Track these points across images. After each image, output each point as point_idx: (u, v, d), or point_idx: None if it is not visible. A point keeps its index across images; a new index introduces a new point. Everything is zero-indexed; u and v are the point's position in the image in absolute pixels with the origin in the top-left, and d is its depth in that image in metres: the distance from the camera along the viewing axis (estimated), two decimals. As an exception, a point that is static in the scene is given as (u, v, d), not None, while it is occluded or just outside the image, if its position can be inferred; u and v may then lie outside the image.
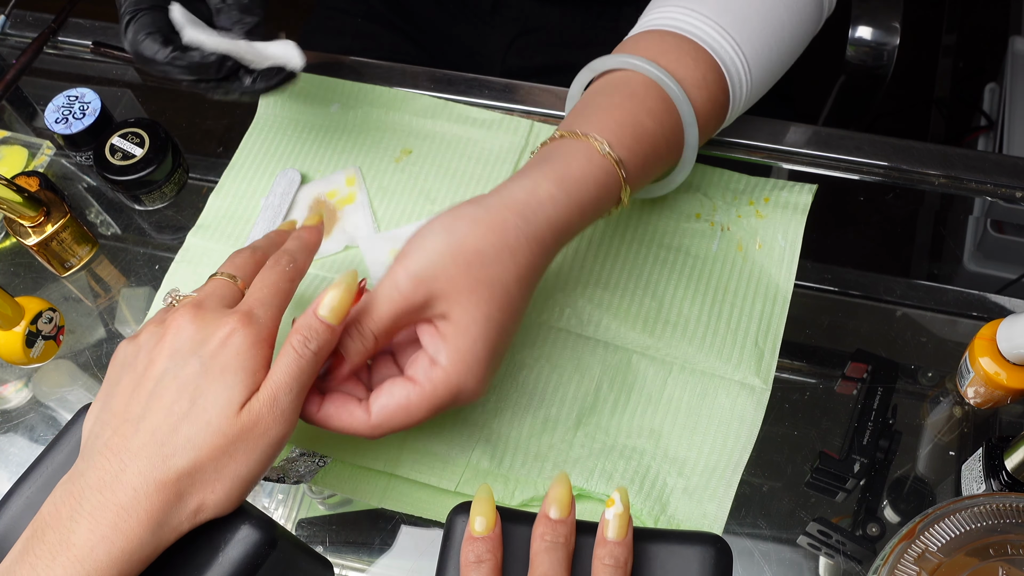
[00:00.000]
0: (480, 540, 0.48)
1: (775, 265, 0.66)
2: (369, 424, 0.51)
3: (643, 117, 0.58)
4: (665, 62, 0.59)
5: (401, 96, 0.75)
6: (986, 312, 0.66)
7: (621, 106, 0.58)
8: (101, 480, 0.45)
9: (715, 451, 0.59)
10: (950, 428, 0.63)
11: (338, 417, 0.51)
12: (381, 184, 0.72)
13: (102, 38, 0.82)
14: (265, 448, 0.47)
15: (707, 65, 0.60)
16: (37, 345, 0.66)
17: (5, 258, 0.74)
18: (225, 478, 0.46)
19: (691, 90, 0.59)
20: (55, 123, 0.73)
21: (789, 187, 0.69)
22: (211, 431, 0.46)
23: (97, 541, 0.43)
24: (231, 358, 0.47)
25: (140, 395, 0.47)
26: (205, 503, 0.46)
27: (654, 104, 0.58)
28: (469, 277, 0.51)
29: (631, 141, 0.57)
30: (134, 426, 0.46)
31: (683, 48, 0.60)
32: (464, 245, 0.51)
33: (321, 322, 0.49)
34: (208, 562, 0.46)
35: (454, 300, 0.51)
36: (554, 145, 0.57)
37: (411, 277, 0.51)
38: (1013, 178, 0.71)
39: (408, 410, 0.51)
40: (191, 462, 0.45)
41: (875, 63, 0.95)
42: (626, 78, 0.59)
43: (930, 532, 0.50)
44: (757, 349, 0.63)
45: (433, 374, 0.51)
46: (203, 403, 0.46)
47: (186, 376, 0.47)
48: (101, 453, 0.46)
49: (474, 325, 0.51)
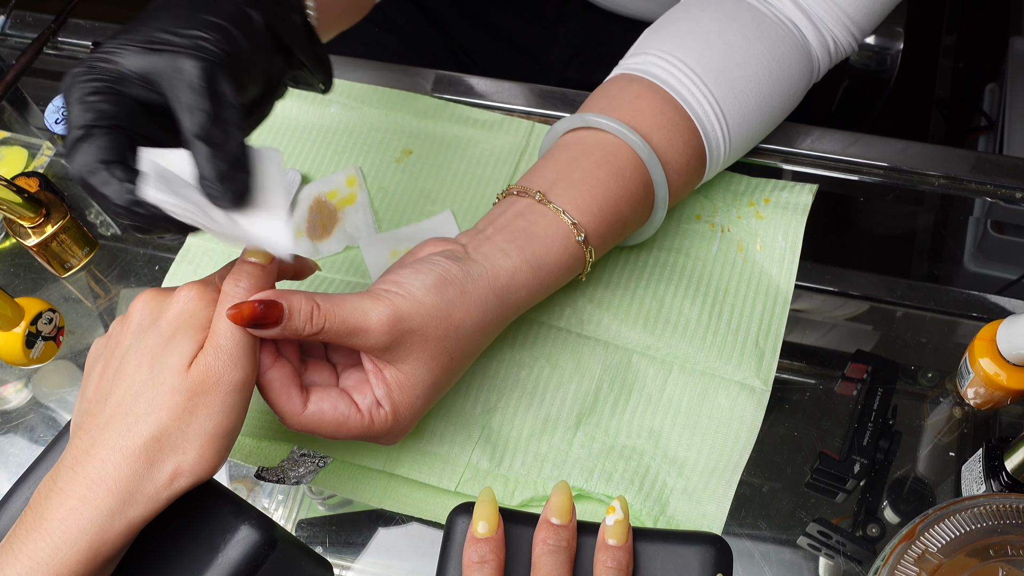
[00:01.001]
0: (483, 541, 0.48)
1: (775, 266, 0.66)
2: (297, 417, 0.51)
3: (623, 206, 0.60)
4: (658, 139, 0.60)
5: (401, 96, 0.75)
6: (986, 313, 0.66)
7: (606, 186, 0.59)
8: (74, 458, 0.46)
9: (715, 452, 0.59)
10: (950, 429, 0.63)
11: (277, 391, 0.51)
12: (382, 184, 0.72)
13: (102, 38, 0.82)
14: (224, 398, 0.47)
15: (695, 151, 0.62)
16: (37, 346, 0.66)
17: (5, 259, 0.74)
18: (192, 436, 0.46)
19: (674, 177, 0.62)
20: (55, 123, 0.73)
21: (789, 187, 0.69)
22: (166, 391, 0.46)
23: (66, 514, 0.44)
24: (183, 319, 0.48)
25: (108, 374, 0.48)
26: (180, 467, 0.46)
27: (636, 190, 0.60)
28: (440, 345, 0.53)
29: (606, 229, 0.59)
30: (103, 403, 0.47)
31: (677, 127, 0.61)
32: (451, 315, 0.53)
33: (250, 263, 0.50)
34: (208, 562, 0.46)
35: (415, 357, 0.52)
36: (536, 214, 0.58)
37: (392, 316, 0.51)
38: (1013, 178, 0.71)
39: (341, 427, 0.52)
40: (154, 426, 0.45)
41: (878, 67, 0.95)
42: (617, 149, 0.60)
43: (930, 533, 0.50)
44: (758, 349, 0.63)
45: (376, 414, 0.52)
46: (159, 367, 0.47)
47: (146, 346, 0.48)
48: (76, 435, 0.47)
49: (421, 386, 0.53)
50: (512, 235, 0.57)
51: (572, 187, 0.58)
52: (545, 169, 0.60)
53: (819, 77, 0.69)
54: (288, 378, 0.51)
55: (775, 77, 0.64)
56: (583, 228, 0.58)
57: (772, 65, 0.63)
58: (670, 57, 0.62)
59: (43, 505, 0.45)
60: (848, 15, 0.66)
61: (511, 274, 0.56)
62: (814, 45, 0.66)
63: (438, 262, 0.54)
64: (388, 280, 0.53)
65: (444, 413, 0.61)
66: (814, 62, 0.67)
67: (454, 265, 0.54)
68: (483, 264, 0.55)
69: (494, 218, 0.59)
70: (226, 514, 0.47)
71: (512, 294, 0.56)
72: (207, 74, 0.45)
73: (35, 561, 0.43)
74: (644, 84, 0.62)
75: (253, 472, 0.60)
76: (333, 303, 0.50)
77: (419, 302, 0.52)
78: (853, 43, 0.68)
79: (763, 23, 0.64)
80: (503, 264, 0.56)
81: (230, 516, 0.47)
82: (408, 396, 0.53)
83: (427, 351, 0.52)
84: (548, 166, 0.60)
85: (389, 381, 0.52)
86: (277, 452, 0.60)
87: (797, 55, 0.65)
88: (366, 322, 0.50)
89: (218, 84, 0.45)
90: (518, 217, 0.58)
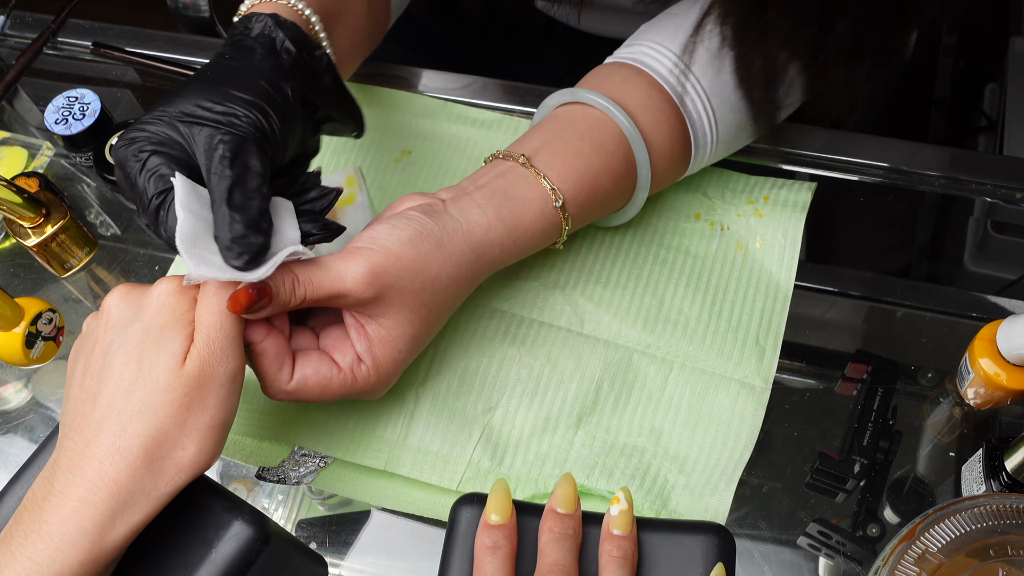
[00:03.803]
0: (497, 528, 0.49)
1: (775, 263, 0.66)
2: (285, 388, 0.52)
3: (604, 179, 0.61)
4: (643, 120, 0.61)
5: (401, 96, 0.75)
6: (986, 313, 0.66)
7: (588, 157, 0.60)
8: (70, 460, 0.45)
9: (716, 449, 0.59)
10: (950, 429, 0.63)
11: (271, 359, 0.52)
12: (381, 184, 0.72)
13: (102, 39, 0.82)
14: (218, 391, 0.47)
15: (680, 136, 0.63)
16: (37, 346, 0.66)
17: (5, 259, 0.74)
18: (191, 431, 0.46)
19: (657, 159, 0.62)
20: (55, 124, 0.73)
21: (788, 185, 0.69)
22: (160, 389, 0.46)
23: (67, 516, 0.44)
24: (168, 314, 0.48)
25: (92, 372, 0.48)
26: (181, 463, 0.46)
27: (618, 165, 0.61)
28: (417, 298, 0.54)
29: (584, 199, 0.60)
30: (92, 403, 0.47)
31: (663, 111, 0.62)
32: (427, 269, 0.54)
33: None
34: (202, 558, 0.46)
35: (395, 311, 0.54)
36: (517, 175, 0.59)
37: (368, 273, 0.52)
38: (1013, 179, 0.71)
39: (325, 390, 0.53)
40: (151, 425, 0.45)
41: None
42: (603, 124, 0.61)
43: (930, 533, 0.50)
44: (758, 347, 0.63)
45: (358, 370, 0.53)
46: (149, 364, 0.46)
47: (130, 341, 0.47)
48: (68, 436, 0.47)
49: (402, 339, 0.54)
50: (491, 193, 0.58)
51: (555, 155, 0.60)
52: (532, 137, 0.62)
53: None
54: (281, 347, 0.52)
55: None
56: (561, 194, 0.59)
57: None
58: (660, 47, 0.63)
59: (41, 507, 0.44)
60: None
61: (485, 230, 0.57)
62: None
63: (414, 217, 0.55)
64: (365, 236, 0.54)
65: (445, 412, 0.61)
66: None
67: (429, 220, 0.55)
68: (458, 219, 0.56)
69: (477, 177, 0.60)
70: (219, 510, 0.47)
71: (487, 250, 0.57)
72: (235, 147, 0.49)
73: (36, 563, 0.43)
74: (633, 70, 0.63)
75: (254, 472, 0.60)
76: (310, 272, 0.51)
77: (395, 256, 0.53)
78: None
79: None
80: (478, 220, 0.57)
81: (223, 512, 0.47)
82: (390, 350, 0.54)
83: (406, 304, 0.54)
84: (535, 135, 0.62)
85: (371, 336, 0.54)
86: (278, 452, 0.60)
87: None
88: (343, 284, 0.52)
89: (247, 157, 0.49)
90: (499, 177, 0.59)
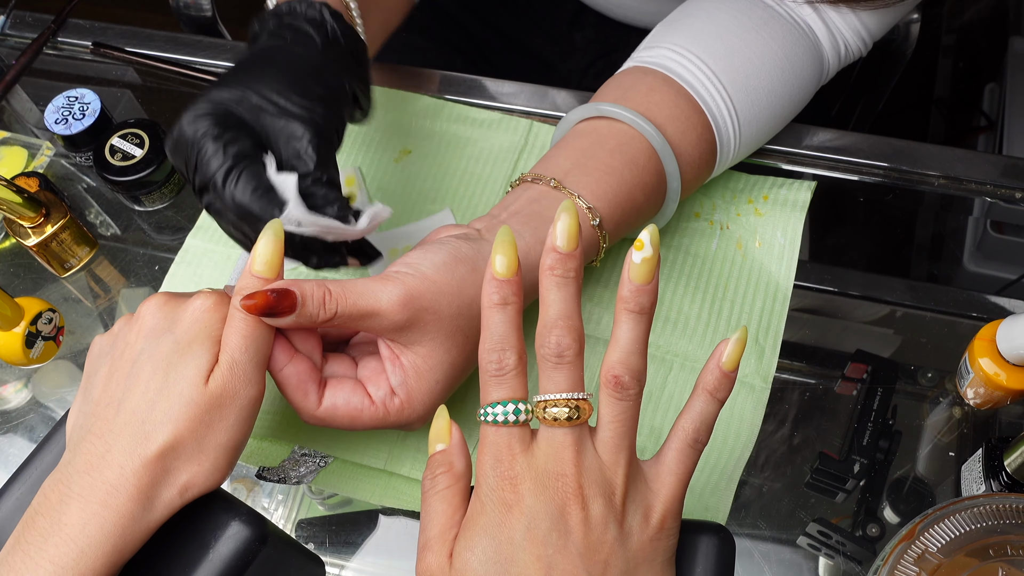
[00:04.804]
0: (505, 281, 0.44)
1: (775, 262, 0.66)
2: (313, 413, 0.52)
3: (638, 194, 0.59)
4: (672, 131, 0.60)
5: (401, 96, 0.75)
6: (986, 313, 0.66)
7: (620, 174, 0.59)
8: (88, 463, 0.45)
9: (715, 449, 0.59)
10: (950, 429, 0.62)
11: (294, 387, 0.51)
12: (381, 184, 0.72)
13: (102, 38, 0.82)
14: (238, 412, 0.47)
15: (707, 145, 0.62)
16: (37, 346, 0.66)
17: (5, 259, 0.74)
18: (208, 449, 0.46)
19: (686, 170, 0.61)
20: (55, 124, 0.73)
21: (788, 184, 0.69)
22: (184, 403, 0.46)
23: (88, 519, 0.44)
24: (199, 330, 0.48)
25: (119, 378, 0.48)
26: (195, 478, 0.46)
27: (650, 179, 0.60)
28: (453, 323, 0.52)
29: (620, 216, 0.59)
30: (116, 408, 0.47)
31: (691, 121, 0.61)
32: (463, 292, 0.52)
33: (257, 277, 0.49)
34: (199, 558, 0.46)
35: (431, 337, 0.52)
36: (552, 199, 0.58)
37: (403, 295, 0.51)
38: (1013, 178, 0.71)
39: (355, 420, 0.52)
40: (171, 436, 0.45)
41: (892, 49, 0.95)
42: (632, 139, 0.60)
43: (930, 533, 0.50)
44: (758, 346, 0.63)
45: (391, 404, 0.52)
46: (175, 377, 0.46)
47: (160, 353, 0.47)
48: (85, 439, 0.46)
49: (439, 368, 0.52)
50: (527, 218, 0.57)
51: (587, 174, 0.58)
52: (559, 157, 0.60)
53: (827, 79, 0.69)
54: (305, 374, 0.51)
55: (787, 77, 0.64)
56: (598, 213, 0.58)
57: (784, 64, 0.63)
58: (684, 52, 0.62)
59: (58, 510, 0.44)
60: (862, 21, 0.66)
61: (524, 253, 0.55)
62: (826, 47, 0.66)
63: (449, 242, 0.54)
64: (400, 263, 0.53)
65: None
66: (824, 64, 0.67)
67: (465, 244, 0.54)
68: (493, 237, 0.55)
69: (508, 204, 0.58)
70: (217, 510, 0.47)
71: (527, 274, 0.55)
72: (316, 139, 0.52)
73: (59, 566, 0.43)
74: (659, 77, 0.62)
75: (254, 472, 0.60)
76: (344, 288, 0.50)
77: (430, 280, 0.52)
78: (863, 48, 0.68)
79: (777, 22, 0.64)
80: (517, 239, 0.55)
81: (221, 512, 0.47)
82: (425, 382, 0.52)
83: (442, 330, 0.52)
84: (562, 154, 0.60)
85: (406, 367, 0.52)
86: (278, 452, 0.60)
87: (809, 56, 0.65)
88: (377, 303, 0.50)
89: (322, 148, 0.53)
90: (532, 203, 0.58)
